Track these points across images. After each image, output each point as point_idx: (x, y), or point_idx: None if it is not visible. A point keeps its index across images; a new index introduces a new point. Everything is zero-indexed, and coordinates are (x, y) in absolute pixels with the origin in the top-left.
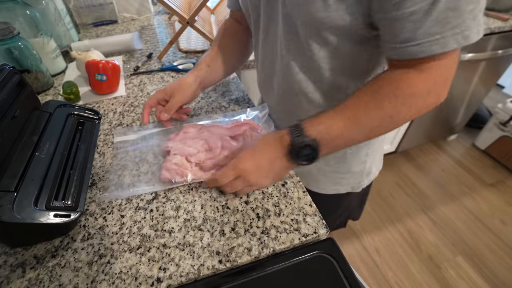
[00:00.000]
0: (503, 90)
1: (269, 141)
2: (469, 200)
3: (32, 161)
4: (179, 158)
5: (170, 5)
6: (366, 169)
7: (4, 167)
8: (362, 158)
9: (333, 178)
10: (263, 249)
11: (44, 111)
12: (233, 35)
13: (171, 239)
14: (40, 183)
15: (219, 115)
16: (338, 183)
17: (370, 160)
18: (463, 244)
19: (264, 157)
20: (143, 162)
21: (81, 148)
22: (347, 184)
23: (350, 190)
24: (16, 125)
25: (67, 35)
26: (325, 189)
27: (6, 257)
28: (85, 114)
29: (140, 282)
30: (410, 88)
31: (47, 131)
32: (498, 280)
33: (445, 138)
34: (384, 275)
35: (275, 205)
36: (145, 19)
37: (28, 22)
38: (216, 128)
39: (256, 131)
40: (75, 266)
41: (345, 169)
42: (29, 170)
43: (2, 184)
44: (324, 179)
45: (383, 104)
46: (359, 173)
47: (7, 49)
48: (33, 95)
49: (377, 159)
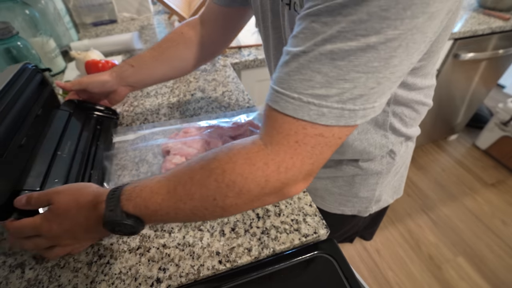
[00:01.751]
0: (504, 90)
1: (82, 209)
2: (470, 200)
3: (55, 160)
4: (179, 158)
5: (170, 5)
6: (375, 196)
7: (29, 166)
8: (371, 186)
9: (339, 199)
10: (263, 249)
11: (64, 110)
12: (184, 43)
13: (171, 239)
14: (63, 182)
15: (219, 115)
16: (344, 204)
17: (380, 189)
18: (463, 244)
19: (74, 226)
20: (142, 162)
21: (100, 147)
22: (353, 207)
23: (356, 213)
24: (39, 124)
25: (67, 35)
26: (330, 208)
27: (5, 257)
28: (104, 114)
29: (140, 283)
30: (244, 165)
31: (68, 130)
32: (499, 280)
33: (445, 138)
34: (384, 275)
35: (275, 205)
36: (144, 19)
37: (28, 22)
38: (216, 128)
39: (257, 131)
40: (74, 267)
41: (352, 193)
42: (52, 170)
43: (28, 183)
44: (330, 198)
45: (208, 181)
46: (366, 199)
47: (6, 49)
48: (54, 94)
49: (390, 188)
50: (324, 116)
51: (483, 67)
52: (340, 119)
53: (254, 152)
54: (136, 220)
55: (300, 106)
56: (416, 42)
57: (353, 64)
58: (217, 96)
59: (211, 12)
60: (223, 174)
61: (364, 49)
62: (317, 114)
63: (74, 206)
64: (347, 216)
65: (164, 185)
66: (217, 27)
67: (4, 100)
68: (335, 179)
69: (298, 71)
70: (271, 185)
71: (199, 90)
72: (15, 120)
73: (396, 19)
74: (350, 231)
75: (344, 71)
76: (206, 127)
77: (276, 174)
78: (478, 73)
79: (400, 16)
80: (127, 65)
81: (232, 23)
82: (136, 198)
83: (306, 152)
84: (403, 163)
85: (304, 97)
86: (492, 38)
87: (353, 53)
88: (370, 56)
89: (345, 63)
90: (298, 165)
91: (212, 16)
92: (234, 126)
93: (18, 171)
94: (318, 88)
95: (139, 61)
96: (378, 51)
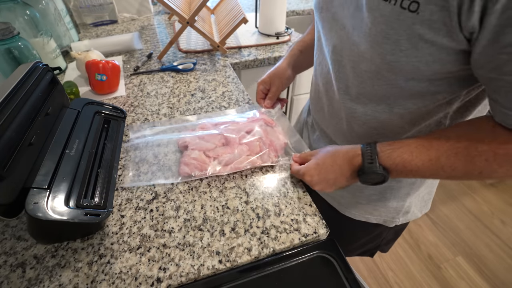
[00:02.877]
0: None
1: (338, 160)
2: (469, 200)
3: (63, 158)
4: (197, 153)
5: (170, 5)
6: (404, 207)
7: (38, 164)
8: (402, 196)
9: (366, 206)
10: (263, 249)
11: (73, 108)
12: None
13: (171, 239)
14: (70, 181)
15: (233, 110)
16: (370, 212)
17: (410, 200)
18: (463, 244)
19: (330, 174)
20: (161, 156)
21: (107, 146)
22: (379, 215)
23: (382, 222)
24: (48, 122)
25: (67, 35)
26: (354, 214)
27: (6, 257)
28: (111, 113)
29: (140, 282)
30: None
31: (76, 128)
32: (498, 280)
33: None
34: (384, 275)
35: (275, 205)
36: (145, 19)
37: (28, 22)
38: (232, 123)
39: (271, 126)
40: (75, 266)
41: (381, 202)
42: (61, 168)
43: (37, 181)
44: (356, 204)
45: (477, 160)
46: (395, 209)
47: (7, 49)
48: (63, 92)
49: (419, 200)
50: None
51: None
52: None
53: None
54: (386, 172)
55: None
56: None
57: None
58: (217, 96)
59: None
60: (495, 156)
61: None
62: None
63: (330, 158)
64: (370, 224)
65: (424, 152)
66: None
67: (15, 99)
68: (364, 188)
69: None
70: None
71: (199, 90)
72: (25, 118)
73: None
74: (372, 242)
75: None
76: (222, 122)
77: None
78: None
79: None
80: (298, 52)
81: None
82: (397, 158)
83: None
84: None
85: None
86: None
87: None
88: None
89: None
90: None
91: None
92: (249, 122)
93: (28, 169)
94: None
95: (305, 46)
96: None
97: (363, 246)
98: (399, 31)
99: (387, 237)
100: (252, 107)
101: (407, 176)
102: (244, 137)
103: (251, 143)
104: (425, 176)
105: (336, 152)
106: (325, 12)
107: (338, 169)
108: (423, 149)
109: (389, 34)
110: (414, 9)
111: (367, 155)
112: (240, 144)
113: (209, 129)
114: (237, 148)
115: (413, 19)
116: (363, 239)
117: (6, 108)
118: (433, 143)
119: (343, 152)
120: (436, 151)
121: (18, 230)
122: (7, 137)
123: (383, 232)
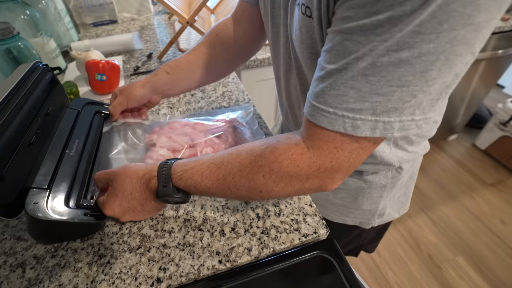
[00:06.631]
0: (503, 90)
1: (137, 185)
2: (469, 200)
3: (63, 158)
4: (165, 151)
5: (170, 5)
6: (378, 210)
7: (38, 164)
8: (375, 199)
9: (341, 209)
10: (263, 249)
11: (73, 108)
12: (221, 44)
13: (171, 239)
14: (70, 181)
15: (204, 112)
16: (345, 215)
17: (384, 202)
18: (463, 244)
19: (133, 202)
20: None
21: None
22: (355, 218)
23: (358, 224)
24: (48, 122)
25: (67, 35)
26: (332, 217)
27: (6, 257)
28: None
29: (140, 282)
30: (290, 166)
31: (76, 128)
32: (498, 280)
33: (445, 138)
34: (384, 275)
35: (275, 205)
36: (145, 19)
37: (28, 22)
38: (200, 125)
39: (240, 129)
40: (75, 266)
41: (355, 205)
42: (60, 168)
43: (37, 181)
44: (331, 207)
45: (256, 177)
46: (369, 211)
47: (7, 49)
48: (63, 92)
49: (394, 202)
50: (359, 128)
51: (483, 67)
52: (374, 131)
53: (298, 154)
54: (185, 193)
55: (335, 119)
56: (458, 54)
57: (386, 79)
58: (217, 96)
59: (243, 10)
60: (271, 172)
61: (396, 64)
62: (351, 127)
63: (128, 184)
64: (348, 226)
65: (214, 172)
66: (252, 24)
67: (15, 99)
68: (337, 190)
69: (333, 87)
70: (312, 182)
71: (199, 90)
72: (25, 118)
73: (431, 33)
74: (353, 243)
75: (377, 86)
76: (190, 124)
77: (316, 174)
78: (478, 73)
79: (436, 30)
80: (162, 72)
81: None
82: (187, 180)
83: (343, 157)
84: (410, 177)
85: (339, 111)
86: (492, 39)
87: (384, 68)
88: (404, 71)
89: (378, 78)
90: (337, 167)
91: (245, 15)
92: (219, 125)
93: (27, 169)
94: (352, 103)
95: (175, 67)
96: (412, 65)
97: (344, 247)
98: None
99: (368, 237)
100: (225, 110)
101: (206, 195)
102: (211, 140)
103: (216, 146)
104: (218, 195)
105: (133, 175)
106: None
107: (140, 195)
108: (214, 167)
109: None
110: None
111: (162, 177)
112: (205, 147)
113: (177, 129)
114: (204, 149)
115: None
116: (343, 240)
117: (6, 108)
118: (225, 159)
119: (139, 176)
120: (225, 169)
121: (18, 230)
122: (7, 137)
123: (362, 233)
